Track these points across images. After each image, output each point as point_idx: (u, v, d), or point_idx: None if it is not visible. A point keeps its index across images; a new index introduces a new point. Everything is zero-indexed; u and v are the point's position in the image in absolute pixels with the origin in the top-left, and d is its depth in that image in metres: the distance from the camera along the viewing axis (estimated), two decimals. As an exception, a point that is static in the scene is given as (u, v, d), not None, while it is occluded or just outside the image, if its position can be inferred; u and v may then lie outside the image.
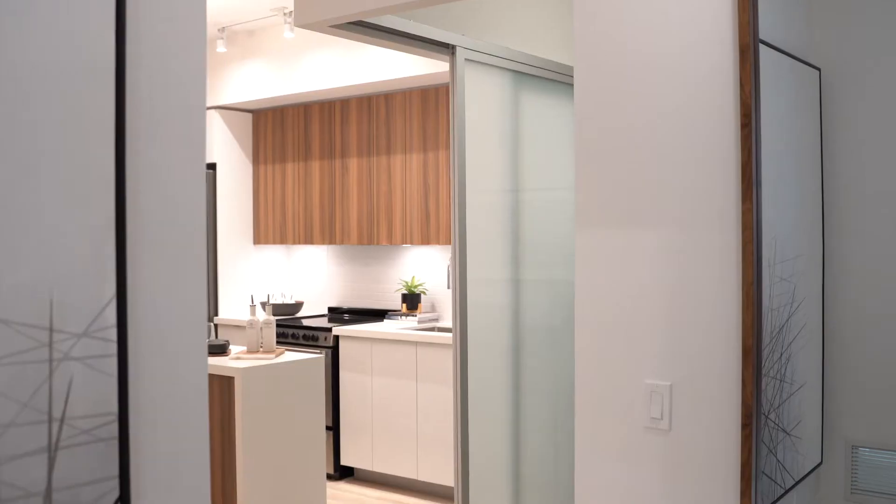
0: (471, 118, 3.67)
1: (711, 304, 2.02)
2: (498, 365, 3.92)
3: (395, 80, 5.57)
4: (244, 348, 4.72)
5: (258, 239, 6.82)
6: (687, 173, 2.06)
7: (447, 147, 5.51)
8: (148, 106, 1.41)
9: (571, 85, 4.01)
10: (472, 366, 3.70)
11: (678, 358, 2.08)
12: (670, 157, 2.08)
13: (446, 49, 3.56)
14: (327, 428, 5.88)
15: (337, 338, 5.83)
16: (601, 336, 2.23)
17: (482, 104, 3.80)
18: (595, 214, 2.24)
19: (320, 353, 5.76)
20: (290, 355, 4.62)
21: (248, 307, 4.79)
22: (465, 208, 3.63)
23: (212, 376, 4.32)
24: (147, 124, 1.41)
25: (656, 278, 2.12)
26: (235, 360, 4.40)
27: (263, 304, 5.10)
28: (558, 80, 4.10)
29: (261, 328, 4.64)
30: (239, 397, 4.19)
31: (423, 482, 5.48)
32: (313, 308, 6.84)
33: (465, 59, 3.60)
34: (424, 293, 6.09)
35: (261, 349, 4.64)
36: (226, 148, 6.66)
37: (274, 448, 4.34)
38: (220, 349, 4.59)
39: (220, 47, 6.04)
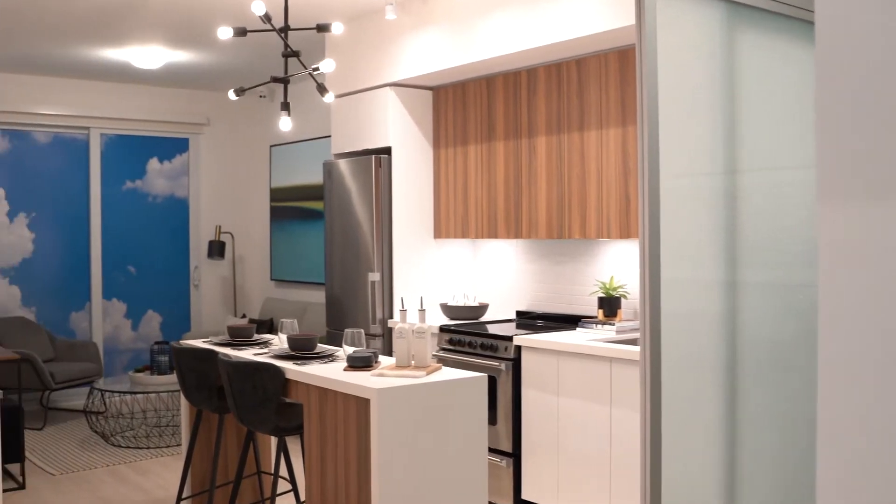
0: (666, 74, 2.69)
1: None
2: (704, 390, 2.92)
3: (587, 38, 4.61)
4: (393, 361, 3.95)
5: (439, 232, 6.05)
6: None
7: (650, 118, 4.47)
8: None
9: (810, 22, 2.95)
10: (667, 390, 2.74)
11: None
12: None
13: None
14: (507, 454, 5.01)
15: (519, 348, 4.95)
16: (866, 358, 1.24)
17: (682, 52, 2.82)
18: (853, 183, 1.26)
19: (500, 364, 4.91)
20: (447, 373, 3.79)
21: (417, 311, 4.03)
22: (657, 192, 2.67)
23: (347, 397, 3.57)
24: None
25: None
26: (377, 378, 3.62)
27: (445, 307, 4.30)
28: (793, 15, 3.01)
29: (412, 338, 3.84)
30: (375, 423, 3.40)
31: (619, 527, 4.50)
32: (499, 311, 5.99)
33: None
34: (625, 297, 5.09)
35: (412, 364, 3.84)
36: (402, 129, 5.93)
37: (419, 484, 3.52)
38: (363, 363, 3.83)
39: (390, 14, 5.31)
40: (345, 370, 3.79)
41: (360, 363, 3.82)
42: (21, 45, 6.77)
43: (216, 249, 8.76)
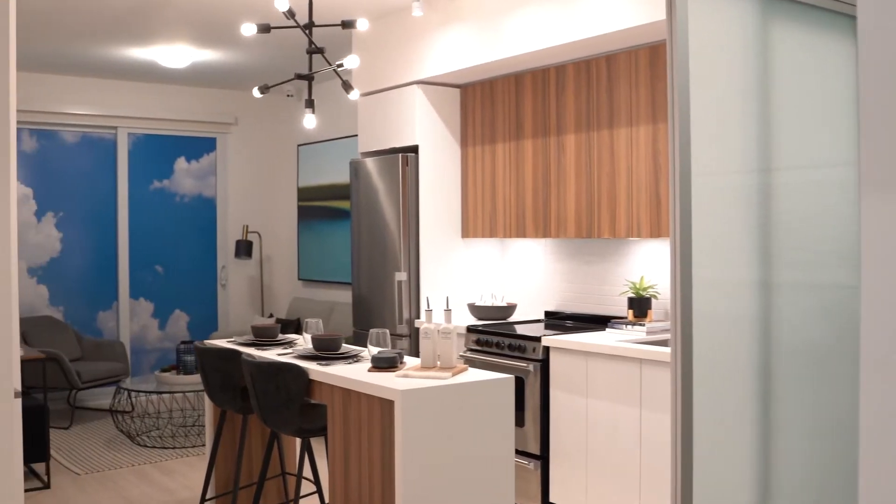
0: (698, 69, 2.60)
1: None
2: (737, 394, 2.83)
3: (617, 34, 4.52)
4: (419, 362, 3.88)
5: (466, 231, 5.98)
6: None
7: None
8: None
9: (850, 16, 2.86)
10: (699, 393, 2.66)
11: None
12: None
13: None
14: (534, 457, 4.93)
15: (547, 349, 4.86)
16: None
17: (714, 47, 2.73)
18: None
19: (528, 365, 4.84)
20: (473, 374, 3.72)
21: (443, 311, 3.95)
22: (689, 190, 2.59)
23: (371, 398, 3.50)
24: None
25: None
26: (401, 379, 3.55)
27: (472, 307, 4.22)
28: (830, 7, 2.91)
29: (437, 338, 3.77)
30: (400, 425, 3.33)
31: (649, 533, 4.40)
32: (527, 312, 5.90)
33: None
34: (656, 297, 4.99)
35: (437, 365, 3.77)
36: (429, 128, 5.87)
37: (444, 487, 3.45)
38: (388, 364, 3.76)
39: (417, 10, 5.24)
40: (369, 371, 3.73)
41: (384, 364, 3.76)
42: (49, 45, 6.78)
43: (243, 249, 8.74)
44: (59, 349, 7.43)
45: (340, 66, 4.24)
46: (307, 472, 5.26)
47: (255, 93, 4.65)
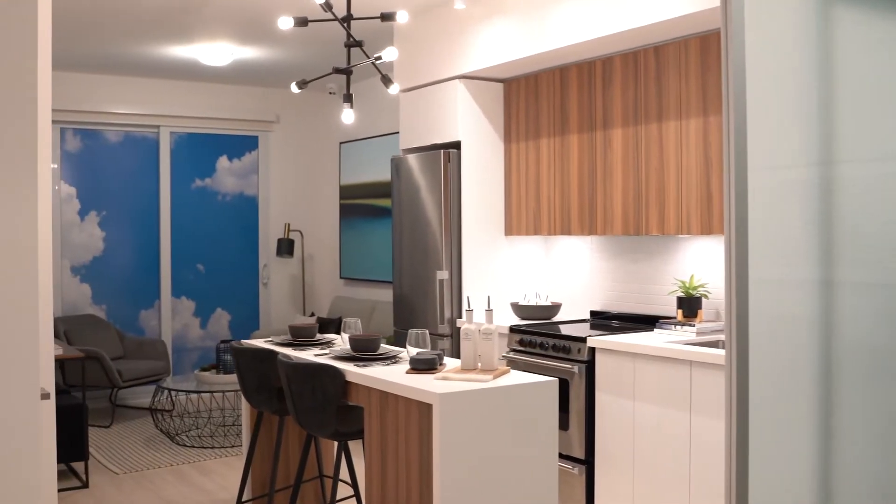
0: (754, 58, 2.44)
1: None
2: (796, 399, 2.67)
3: (666, 23, 4.35)
4: (459, 364, 3.75)
5: (510, 229, 5.83)
6: None
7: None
8: None
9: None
10: (755, 398, 2.50)
11: None
12: None
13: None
14: (579, 461, 4.77)
15: (593, 350, 4.70)
16: None
17: (772, 34, 2.57)
18: None
19: (573, 367, 4.69)
20: (515, 376, 3.57)
21: (484, 311, 3.81)
22: (745, 186, 2.43)
23: (409, 401, 3.37)
24: None
25: None
26: (440, 381, 3.42)
27: (515, 306, 4.07)
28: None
29: (478, 339, 3.63)
30: (438, 429, 3.20)
31: (699, 542, 4.23)
32: (572, 311, 5.74)
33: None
34: (706, 296, 4.81)
35: (478, 367, 3.63)
36: (472, 123, 5.73)
37: (484, 493, 3.31)
38: (427, 365, 3.63)
39: (458, 3, 5.10)
40: (407, 373, 3.61)
41: (423, 365, 3.63)
42: (91, 45, 6.75)
43: (285, 247, 8.67)
44: (102, 348, 7.41)
45: (379, 58, 4.12)
46: (345, 474, 5.15)
47: (294, 88, 4.54)
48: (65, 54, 7.12)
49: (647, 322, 5.13)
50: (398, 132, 6.39)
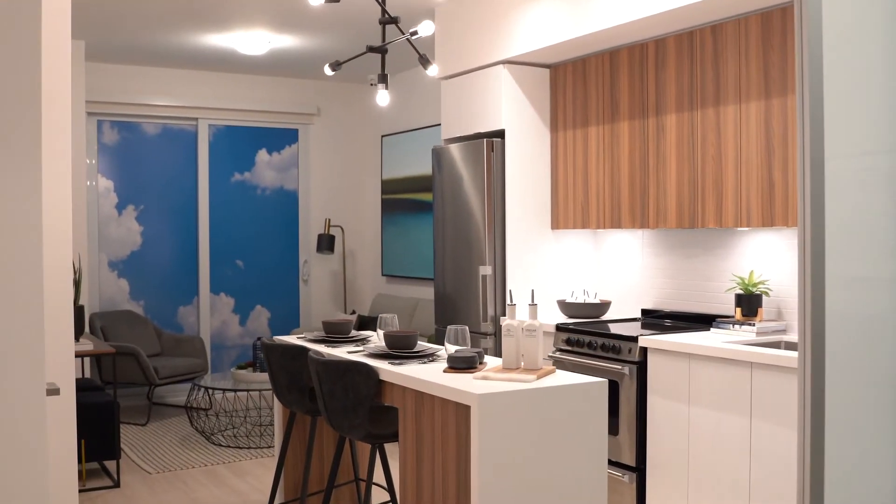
0: (832, 32, 2.16)
1: None
2: (879, 406, 2.40)
3: (724, 0, 4.06)
4: (500, 363, 3.49)
5: (556, 223, 5.55)
6: None
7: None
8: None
9: None
10: (831, 404, 2.24)
11: None
12: None
13: None
14: (629, 468, 4.48)
15: (644, 350, 4.41)
16: None
17: (851, 5, 2.29)
18: None
19: (623, 368, 4.40)
20: (561, 377, 3.31)
21: (528, 306, 3.55)
22: (821, 174, 2.16)
23: (445, 402, 3.12)
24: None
25: None
26: (480, 381, 3.17)
27: (562, 304, 3.79)
28: None
29: (521, 336, 3.37)
30: (476, 432, 2.95)
31: (760, 557, 3.92)
32: (622, 310, 5.45)
33: None
34: (767, 294, 4.49)
35: (521, 366, 3.37)
36: (516, 111, 5.46)
37: (526, 500, 3.06)
38: (466, 364, 3.38)
39: (503, -18, 4.85)
40: (445, 372, 3.36)
41: (461, 364, 3.38)
42: (127, 34, 6.60)
43: (325, 243, 8.47)
44: (139, 344, 7.27)
45: (415, 33, 3.88)
46: (380, 478, 4.91)
47: (327, 70, 4.32)
48: (100, 45, 6.99)
49: (702, 321, 4.83)
50: (440, 124, 6.15)
